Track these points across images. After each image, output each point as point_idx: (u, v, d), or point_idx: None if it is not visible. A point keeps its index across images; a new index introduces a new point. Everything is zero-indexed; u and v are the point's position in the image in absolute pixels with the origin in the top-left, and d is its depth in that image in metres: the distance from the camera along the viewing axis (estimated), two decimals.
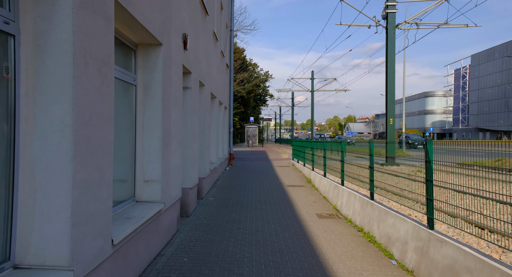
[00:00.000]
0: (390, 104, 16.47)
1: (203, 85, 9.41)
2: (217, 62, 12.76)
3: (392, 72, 16.20)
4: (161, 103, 5.09)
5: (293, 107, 59.79)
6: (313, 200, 9.75)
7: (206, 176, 10.06)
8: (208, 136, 10.40)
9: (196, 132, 8.14)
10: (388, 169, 6.89)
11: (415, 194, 5.36)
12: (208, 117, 10.27)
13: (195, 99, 8.02)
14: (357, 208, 7.19)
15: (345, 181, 8.91)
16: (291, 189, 11.51)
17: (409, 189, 5.49)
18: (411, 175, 5.62)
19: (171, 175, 5.72)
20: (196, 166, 8.35)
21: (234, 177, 14.31)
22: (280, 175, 14.92)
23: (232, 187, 11.65)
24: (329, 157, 11.32)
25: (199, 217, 7.53)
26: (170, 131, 5.61)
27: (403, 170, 6.58)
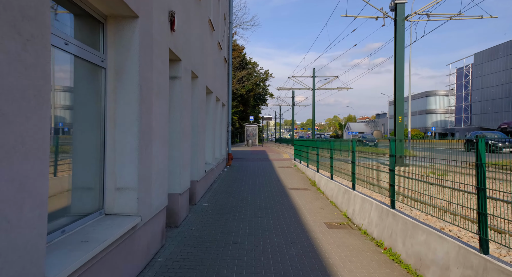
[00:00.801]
0: (398, 101, 15.43)
1: (196, 77, 8.38)
2: (214, 54, 11.73)
3: (401, 67, 15.16)
4: (137, 91, 4.06)
5: (293, 106, 58.73)
6: (319, 205, 8.73)
7: (200, 179, 9.03)
8: (202, 134, 9.37)
9: (187, 129, 7.12)
10: (408, 172, 5.88)
11: (452, 204, 4.34)
12: (202, 113, 9.24)
13: (186, 92, 6.99)
14: (373, 218, 6.16)
15: (356, 185, 7.89)
16: (295, 192, 10.49)
17: (441, 197, 4.47)
18: (439, 179, 4.60)
19: (153, 181, 4.69)
20: (188, 169, 7.32)
21: (233, 179, 13.28)
22: (282, 177, 13.89)
23: (230, 191, 10.62)
24: (337, 157, 10.30)
25: (190, 227, 6.49)
26: (151, 127, 4.58)
27: (414, 171, 5.56)
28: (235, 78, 39.45)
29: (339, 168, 10.19)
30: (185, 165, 6.92)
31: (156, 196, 4.84)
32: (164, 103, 5.28)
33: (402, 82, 15.29)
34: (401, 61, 15.15)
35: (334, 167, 10.13)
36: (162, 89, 5.16)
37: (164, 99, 5.24)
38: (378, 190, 7.14)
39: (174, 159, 6.44)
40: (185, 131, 6.90)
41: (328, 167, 11.11)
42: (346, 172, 9.26)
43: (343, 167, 9.80)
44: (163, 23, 5.12)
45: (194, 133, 8.40)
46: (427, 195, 4.97)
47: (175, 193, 6.43)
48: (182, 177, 6.66)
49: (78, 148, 3.66)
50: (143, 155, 4.22)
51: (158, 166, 4.95)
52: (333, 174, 10.13)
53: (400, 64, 15.19)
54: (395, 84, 15.49)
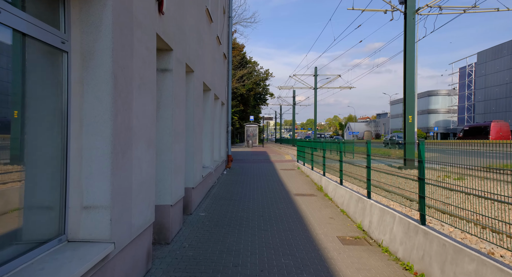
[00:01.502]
0: (409, 99, 14.52)
1: (191, 71, 7.48)
2: (212, 48, 10.83)
3: (411, 63, 14.25)
4: (111, 82, 3.17)
5: (294, 106, 57.81)
6: (329, 215, 7.83)
7: (197, 184, 8.14)
8: (199, 135, 8.48)
9: (180, 129, 6.22)
10: (430, 179, 5.00)
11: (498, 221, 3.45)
12: (199, 112, 8.35)
13: (180, 87, 6.10)
14: (397, 234, 5.27)
15: (372, 193, 6.99)
16: (300, 199, 9.59)
17: (474, 207, 3.58)
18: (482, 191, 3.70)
19: (134, 194, 3.79)
20: (182, 174, 6.42)
21: (232, 183, 12.38)
22: (285, 181, 12.99)
23: (230, 197, 9.72)
24: (347, 160, 9.41)
25: (183, 244, 5.59)
26: (131, 128, 3.69)
27: (427, 175, 4.68)
28: (235, 76, 38.56)
29: (349, 172, 9.32)
30: (178, 170, 6.02)
31: (139, 213, 3.94)
32: (150, 99, 4.38)
33: (413, 79, 14.38)
34: (412, 57, 14.24)
35: (344, 171, 9.24)
36: (148, 81, 4.27)
37: (149, 94, 4.35)
38: (393, 198, 6.27)
39: (164, 164, 5.55)
40: (178, 132, 6.01)
41: (336, 170, 10.22)
42: (358, 177, 8.37)
43: (353, 171, 8.93)
44: (147, 1, 4.22)
45: (189, 134, 7.50)
46: (464, 209, 4.08)
47: (166, 204, 5.53)
48: (174, 185, 5.77)
49: (31, 155, 2.78)
50: (119, 163, 3.33)
51: (141, 175, 4.05)
52: (342, 179, 9.24)
53: (411, 59, 14.29)
54: (405, 81, 14.58)
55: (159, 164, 5.48)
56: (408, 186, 6.08)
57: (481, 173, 3.97)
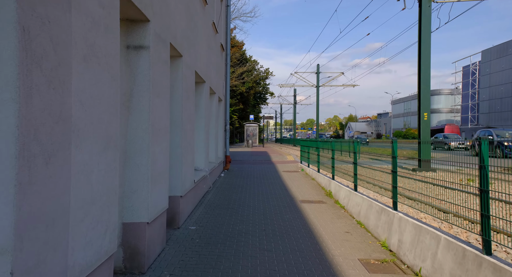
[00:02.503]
0: (424, 95, 13.23)
1: (179, 56, 6.20)
2: (207, 34, 9.55)
3: (427, 55, 12.97)
4: (14, 36, 1.88)
5: (295, 105, 56.51)
6: (344, 228, 6.55)
7: (187, 192, 6.86)
8: (190, 132, 7.20)
9: (163, 126, 4.93)
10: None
11: None
12: (190, 105, 7.07)
13: (161, 72, 4.81)
14: (445, 263, 3.98)
15: (398, 203, 5.71)
16: (308, 207, 8.30)
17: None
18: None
19: (74, 219, 2.51)
20: (164, 182, 5.13)
21: (230, 187, 11.10)
22: (289, 185, 11.70)
23: (227, 205, 8.43)
24: (362, 162, 8.14)
25: (162, 273, 4.31)
26: (68, 118, 2.40)
27: (445, 178, 3.42)
28: (235, 73, 37.30)
29: (364, 176, 8.07)
30: (158, 177, 4.73)
31: (84, 246, 2.65)
32: (108, 79, 3.09)
33: (428, 73, 13.09)
34: (427, 48, 12.94)
35: (359, 175, 7.97)
36: (104, 54, 2.98)
37: (107, 72, 3.05)
38: (426, 210, 5.01)
39: (139, 170, 4.26)
40: (159, 128, 4.72)
41: (347, 173, 8.95)
42: (379, 183, 7.11)
43: (368, 175, 7.67)
44: None
45: (176, 131, 6.22)
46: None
47: (140, 222, 4.25)
48: (153, 196, 4.48)
49: None
50: (37, 173, 2.04)
51: (90, 189, 2.76)
52: (357, 185, 7.96)
53: (426, 51, 12.99)
54: (419, 76, 13.29)
55: (131, 170, 4.20)
56: (440, 193, 4.85)
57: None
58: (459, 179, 9.19)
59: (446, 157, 5.04)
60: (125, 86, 4.23)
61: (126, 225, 4.18)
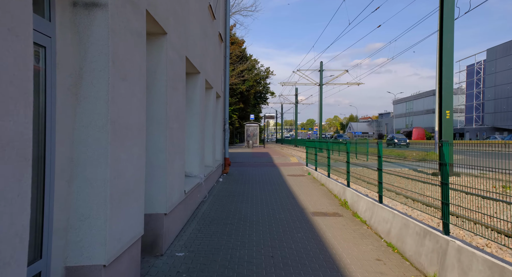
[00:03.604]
0: (446, 90, 11.82)
1: (163, 33, 4.82)
2: (203, 18, 8.16)
3: (450, 46, 11.55)
4: None
5: (296, 104, 55.07)
6: (374, 254, 5.16)
7: (174, 207, 5.47)
8: (179, 132, 5.80)
9: (133, 122, 3.54)
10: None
11: None
12: (178, 98, 5.68)
13: (129, 46, 3.42)
14: None
15: (450, 225, 4.33)
16: (322, 221, 6.92)
17: None
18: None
19: None
20: (137, 200, 3.74)
21: (229, 195, 9.70)
22: (296, 192, 10.31)
23: (225, 219, 7.04)
24: (387, 168, 6.79)
25: None
26: None
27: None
28: (235, 70, 35.92)
29: (390, 184, 6.73)
30: (123, 196, 3.34)
31: None
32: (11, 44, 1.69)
33: (451, 66, 11.69)
34: (450, 38, 11.53)
35: (384, 183, 6.59)
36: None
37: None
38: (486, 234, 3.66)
39: (91, 187, 2.87)
40: (126, 125, 3.33)
41: (368, 181, 7.57)
42: (413, 195, 5.75)
43: (396, 184, 6.33)
44: None
45: (158, 130, 4.83)
46: None
47: (94, 265, 2.85)
48: (115, 223, 3.09)
49: None
50: None
51: None
52: (382, 195, 6.58)
53: (449, 42, 11.58)
54: (440, 69, 11.90)
55: (79, 188, 2.81)
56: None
57: None
58: (492, 186, 7.58)
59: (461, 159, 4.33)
60: (71, 62, 2.84)
61: (70, 271, 2.79)
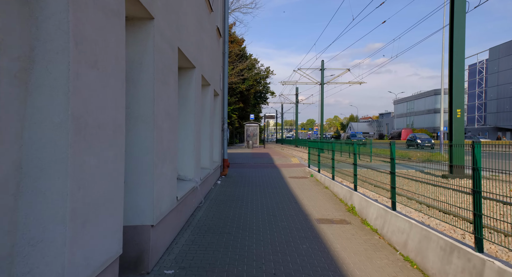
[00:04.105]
0: (457, 88, 11.18)
1: (150, 18, 4.19)
2: (198, 6, 7.53)
3: (461, 40, 10.89)
4: None
5: (297, 104, 54.42)
6: (390, 271, 4.52)
7: (165, 216, 4.84)
8: (170, 132, 5.17)
9: (105, 120, 2.91)
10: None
11: None
12: (169, 94, 5.05)
13: (100, 25, 2.80)
14: None
15: (485, 241, 3.69)
16: (329, 230, 6.29)
17: None
18: None
19: None
20: (113, 214, 3.11)
21: (228, 199, 9.08)
22: (299, 196, 9.68)
23: (222, 227, 6.41)
24: (399, 172, 6.18)
25: None
26: None
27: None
28: (234, 69, 35.29)
29: (399, 188, 6.13)
30: (93, 211, 2.71)
31: None
32: None
33: (463, 62, 11.06)
34: (461, 33, 10.89)
35: (398, 188, 5.97)
36: None
37: None
38: None
39: (44, 201, 2.24)
40: (95, 123, 2.70)
41: (378, 185, 6.96)
42: (426, 200, 5.14)
43: (408, 188, 5.72)
44: None
45: (143, 130, 4.21)
46: None
47: None
48: (80, 244, 2.46)
49: None
50: None
51: None
52: (396, 201, 5.95)
53: (460, 36, 10.93)
54: (451, 64, 11.26)
55: (29, 203, 2.18)
56: None
57: None
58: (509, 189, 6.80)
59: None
60: (19, 41, 2.21)
61: None
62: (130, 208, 4.13)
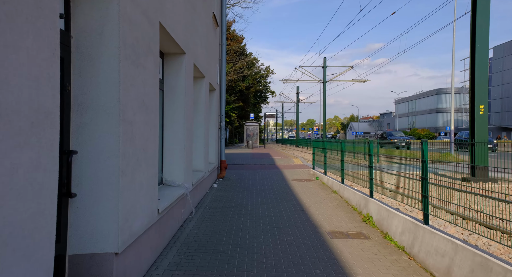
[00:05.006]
0: (479, 82, 10.07)
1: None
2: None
3: (484, 29, 9.77)
4: None
5: (298, 103, 53.29)
6: None
7: (139, 236, 3.73)
8: (149, 128, 4.06)
9: (26, 110, 1.79)
10: None
11: None
12: (145, 80, 3.94)
13: None
14: None
15: None
16: (345, 247, 5.17)
17: None
18: None
19: None
20: (43, 246, 1.98)
21: (224, 206, 7.97)
22: (305, 202, 8.57)
23: (216, 244, 5.30)
24: (435, 178, 5.08)
25: None
26: None
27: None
28: (233, 67, 34.21)
29: (415, 191, 5.05)
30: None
31: None
32: None
33: (486, 53, 9.95)
34: (485, 18, 9.76)
35: (431, 198, 4.87)
36: None
37: None
38: None
39: None
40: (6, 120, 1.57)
41: (403, 193, 5.86)
42: (459, 209, 4.05)
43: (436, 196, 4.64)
44: None
45: (107, 124, 3.12)
46: None
47: None
48: None
49: None
50: None
51: None
52: (428, 214, 4.84)
53: (484, 21, 9.77)
54: (473, 56, 10.16)
55: None
56: None
57: None
58: None
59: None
60: None
61: None
62: (86, 231, 3.03)
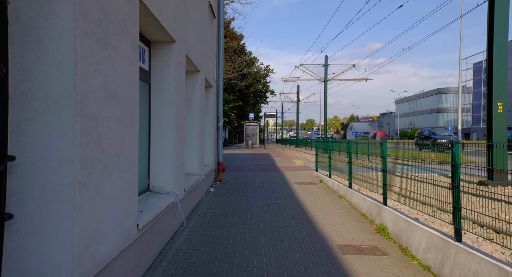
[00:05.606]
0: (497, 78, 9.32)
1: None
2: None
3: (503, 21, 9.00)
4: None
5: (298, 102, 52.51)
6: None
7: (108, 262, 2.95)
8: (121, 125, 3.28)
9: None
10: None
11: None
12: (122, 67, 3.15)
13: None
14: None
15: None
16: (360, 266, 4.40)
17: None
18: None
19: None
20: None
21: (221, 214, 7.19)
22: (310, 209, 7.79)
23: (208, 264, 4.52)
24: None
25: None
26: None
27: None
28: (232, 65, 33.42)
29: (432, 198, 4.28)
30: None
31: None
32: None
33: (505, 45, 9.17)
34: (505, 9, 9.00)
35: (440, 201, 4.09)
36: None
37: None
38: None
39: None
40: None
41: (425, 202, 5.08)
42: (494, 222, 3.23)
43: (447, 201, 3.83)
44: None
45: (59, 120, 2.33)
46: None
47: None
48: None
49: None
50: None
51: None
52: (461, 230, 4.07)
53: (503, 13, 9.02)
54: (490, 51, 9.40)
55: None
56: None
57: None
58: None
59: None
60: None
61: None
62: (28, 264, 2.26)
